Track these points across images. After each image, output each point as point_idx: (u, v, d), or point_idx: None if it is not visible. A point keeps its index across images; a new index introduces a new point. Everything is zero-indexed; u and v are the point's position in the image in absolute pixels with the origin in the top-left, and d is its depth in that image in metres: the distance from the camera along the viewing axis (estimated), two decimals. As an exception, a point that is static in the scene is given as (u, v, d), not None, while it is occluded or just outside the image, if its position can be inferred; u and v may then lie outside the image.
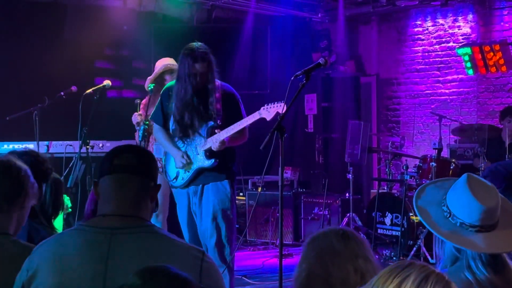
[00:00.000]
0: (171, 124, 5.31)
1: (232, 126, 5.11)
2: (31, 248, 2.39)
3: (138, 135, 5.96)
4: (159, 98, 5.41)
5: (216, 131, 5.15)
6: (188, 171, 5.26)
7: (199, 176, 5.25)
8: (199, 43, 5.15)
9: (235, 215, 5.40)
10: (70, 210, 4.09)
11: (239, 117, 5.24)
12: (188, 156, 5.23)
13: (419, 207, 2.55)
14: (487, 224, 2.41)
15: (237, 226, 6.54)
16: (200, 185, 5.25)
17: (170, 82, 5.42)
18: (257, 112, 5.03)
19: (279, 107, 4.94)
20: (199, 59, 5.04)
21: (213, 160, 5.18)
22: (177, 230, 5.52)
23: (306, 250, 2.36)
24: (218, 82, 5.24)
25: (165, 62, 6.24)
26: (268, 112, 4.99)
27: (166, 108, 5.31)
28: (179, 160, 5.24)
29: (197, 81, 5.07)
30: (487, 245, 2.38)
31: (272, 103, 4.99)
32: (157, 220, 6.16)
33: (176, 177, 5.34)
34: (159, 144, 5.56)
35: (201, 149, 5.21)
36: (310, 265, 2.30)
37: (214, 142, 5.11)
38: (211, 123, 5.17)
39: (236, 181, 5.47)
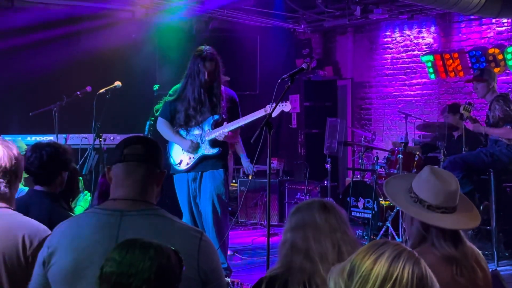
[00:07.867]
0: (177, 117, 5.27)
1: (238, 120, 5.09)
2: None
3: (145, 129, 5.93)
4: (167, 97, 5.36)
5: (224, 123, 5.12)
6: (193, 158, 5.24)
7: (200, 163, 5.24)
8: (208, 46, 5.15)
9: (228, 198, 5.40)
10: (88, 195, 4.05)
11: (238, 118, 5.21)
12: (193, 142, 5.20)
13: (390, 194, 2.58)
14: (450, 206, 2.45)
15: (230, 209, 6.54)
16: (199, 172, 5.24)
17: (176, 85, 5.39)
18: (262, 109, 5.00)
19: (285, 106, 4.91)
20: (208, 59, 5.06)
21: (217, 149, 5.18)
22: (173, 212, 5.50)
23: (291, 219, 2.32)
24: (222, 87, 5.23)
25: None
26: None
27: (173, 107, 5.28)
28: (187, 146, 5.20)
29: (205, 78, 5.07)
30: (450, 223, 2.43)
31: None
32: None
33: (180, 162, 5.32)
34: (164, 135, 5.46)
35: (206, 138, 5.19)
36: (294, 237, 2.26)
37: (220, 132, 5.08)
38: (217, 116, 5.15)
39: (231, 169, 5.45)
